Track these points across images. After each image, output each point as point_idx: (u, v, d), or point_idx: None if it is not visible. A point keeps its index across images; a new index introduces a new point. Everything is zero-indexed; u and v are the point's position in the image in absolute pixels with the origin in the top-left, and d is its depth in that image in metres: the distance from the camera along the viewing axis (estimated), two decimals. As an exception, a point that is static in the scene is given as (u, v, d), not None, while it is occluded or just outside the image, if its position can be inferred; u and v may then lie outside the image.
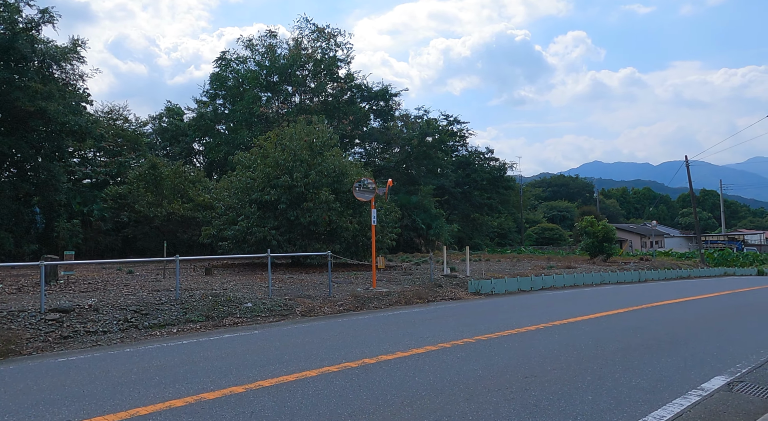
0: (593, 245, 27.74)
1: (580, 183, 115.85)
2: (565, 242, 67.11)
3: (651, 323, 9.85)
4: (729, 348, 7.60)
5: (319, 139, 18.52)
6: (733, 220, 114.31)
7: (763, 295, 16.92)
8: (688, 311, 11.83)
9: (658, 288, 18.72)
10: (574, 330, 8.81)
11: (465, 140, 57.92)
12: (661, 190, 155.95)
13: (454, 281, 15.23)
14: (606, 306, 12.31)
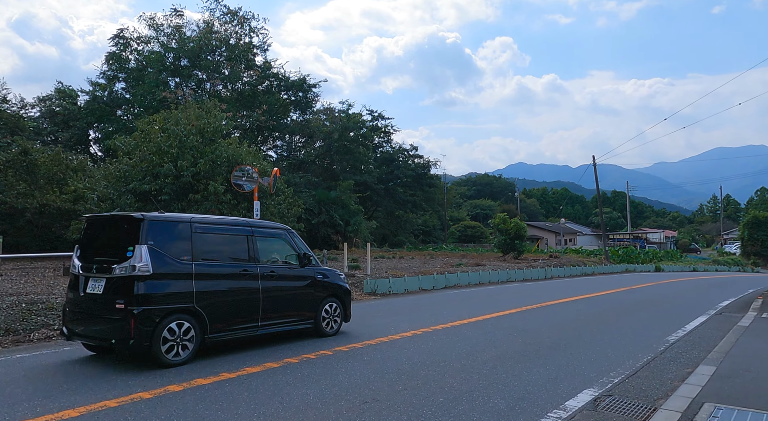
0: (505, 243, 27.90)
1: (504, 183, 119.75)
2: (487, 240, 68.62)
3: (539, 324, 9.28)
4: (609, 352, 7.06)
5: (212, 124, 16.79)
6: (639, 219, 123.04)
7: (656, 291, 17.34)
8: (581, 310, 11.51)
9: (560, 285, 18.76)
10: (453, 335, 8.00)
11: (389, 137, 57.48)
12: (578, 190, 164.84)
13: (351, 281, 14.17)
14: (500, 306, 11.75)
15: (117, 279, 5.90)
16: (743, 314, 11.55)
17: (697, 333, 9.04)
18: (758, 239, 54.08)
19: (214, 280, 6.46)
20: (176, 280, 6.11)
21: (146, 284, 5.84)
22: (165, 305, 5.94)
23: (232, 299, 6.61)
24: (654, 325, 9.71)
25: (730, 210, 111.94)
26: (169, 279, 6.07)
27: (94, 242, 6.57)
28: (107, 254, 6.18)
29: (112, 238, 6.44)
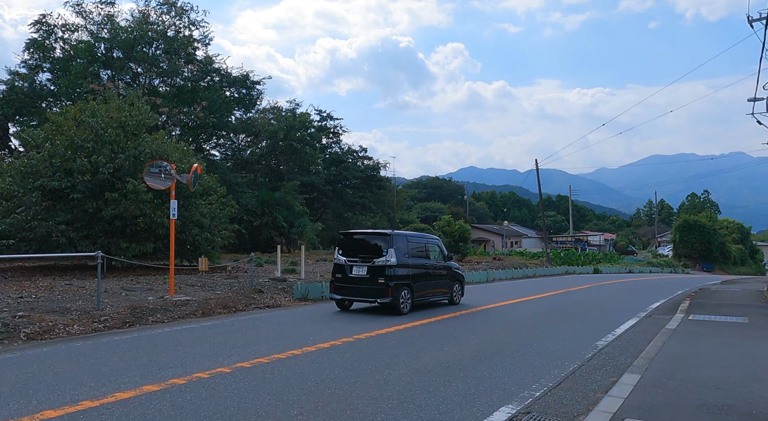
0: (449, 245, 27.78)
1: (454, 186, 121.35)
2: (436, 242, 69.00)
3: (468, 331, 8.88)
4: (536, 361, 6.70)
5: (135, 117, 15.53)
6: (582, 223, 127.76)
7: (592, 293, 17.53)
8: (514, 315, 11.25)
9: (500, 288, 18.67)
10: (376, 344, 7.43)
11: (339, 137, 56.71)
12: (525, 194, 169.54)
13: (281, 286, 13.41)
14: (433, 312, 11.31)
15: (378, 266, 10.46)
16: (671, 316, 11.67)
17: (625, 337, 8.91)
18: (688, 242, 57.07)
19: (416, 269, 11.19)
20: (404, 268, 10.75)
21: (394, 269, 10.47)
22: (400, 281, 10.56)
23: (423, 280, 11.36)
24: (585, 329, 9.55)
25: (664, 214, 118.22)
26: (402, 267, 10.68)
27: (354, 245, 11.08)
28: (367, 253, 10.75)
29: (369, 243, 10.98)
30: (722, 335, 8.81)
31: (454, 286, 12.68)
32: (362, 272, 10.57)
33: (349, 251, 10.94)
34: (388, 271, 10.33)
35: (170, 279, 10.93)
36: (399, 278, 10.47)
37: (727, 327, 9.71)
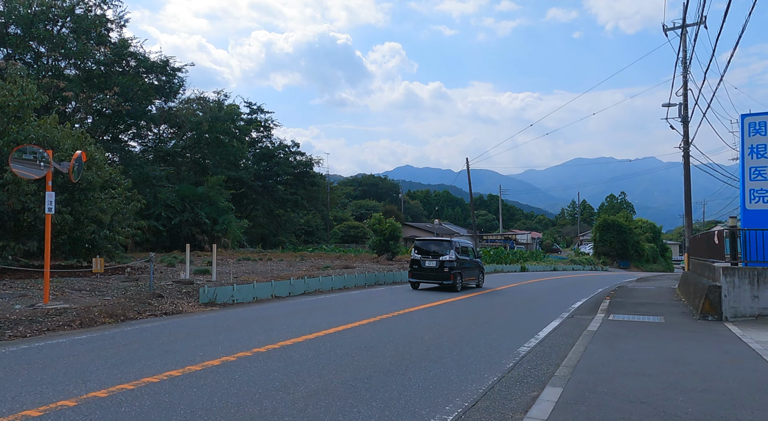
0: (380, 243, 27.22)
1: (389, 184, 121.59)
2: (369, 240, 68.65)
3: (387, 338, 8.14)
4: (453, 375, 6.05)
5: (17, 98, 13.52)
6: (511, 222, 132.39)
7: (517, 292, 17.45)
8: (439, 318, 10.67)
9: (426, 289, 18.21)
10: (277, 360, 6.50)
11: (270, 132, 54.78)
12: (458, 193, 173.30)
13: (187, 289, 12.10)
14: (354, 316, 10.52)
15: (445, 261, 16.07)
16: (593, 316, 11.59)
17: (548, 342, 8.54)
18: (607, 241, 60.22)
19: (462, 263, 16.77)
20: (457, 262, 16.23)
21: (453, 263, 16.10)
22: (457, 271, 16.22)
23: (466, 270, 17.01)
24: (508, 333, 9.12)
25: (586, 214, 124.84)
26: (456, 262, 16.24)
27: (424, 246, 16.90)
28: (436, 252, 16.44)
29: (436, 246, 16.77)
30: (641, 336, 8.65)
31: (480, 275, 18.97)
32: (433, 264, 16.43)
33: (422, 251, 16.93)
34: (449, 264, 16.24)
35: (45, 283, 9.36)
36: (454, 269, 16.31)
37: (646, 328, 9.64)
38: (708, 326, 9.81)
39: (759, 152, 10.85)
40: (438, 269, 16.24)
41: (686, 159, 23.32)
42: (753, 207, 10.93)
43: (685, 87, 23.37)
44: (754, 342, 7.97)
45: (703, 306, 10.71)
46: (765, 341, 8.12)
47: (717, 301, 10.54)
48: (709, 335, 8.73)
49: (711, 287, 10.68)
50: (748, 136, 10.94)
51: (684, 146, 23.60)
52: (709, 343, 8.04)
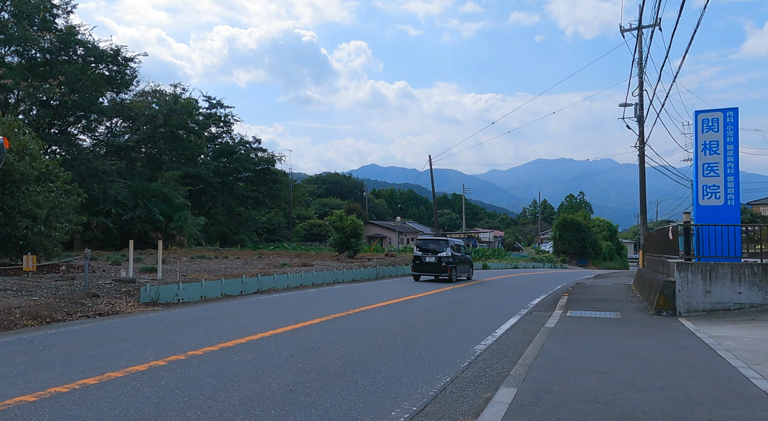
0: (341, 241, 26.71)
1: (354, 182, 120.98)
2: (333, 238, 67.80)
3: (337, 339, 7.69)
4: (404, 377, 5.67)
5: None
6: (474, 220, 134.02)
7: (477, 290, 17.29)
8: (394, 317, 10.30)
9: (388, 286, 17.86)
10: (214, 363, 5.95)
11: (230, 127, 53.30)
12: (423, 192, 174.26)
13: (127, 288, 11.29)
14: (305, 315, 10.03)
15: (442, 257, 19.16)
16: (551, 312, 11.48)
17: (505, 339, 8.29)
18: (566, 239, 61.55)
19: (456, 258, 19.73)
20: (453, 257, 19.37)
21: (449, 259, 19.19)
22: (453, 265, 19.30)
23: (459, 264, 20.09)
24: (465, 331, 8.82)
25: (546, 213, 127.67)
26: (452, 257, 19.35)
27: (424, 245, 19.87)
28: (435, 250, 19.44)
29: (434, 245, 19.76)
30: (598, 332, 8.52)
31: (470, 269, 22.31)
32: (432, 260, 19.35)
33: (422, 249, 19.85)
34: (446, 259, 19.20)
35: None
36: (450, 263, 19.20)
37: (602, 324, 9.55)
38: (663, 321, 9.81)
39: (711, 149, 10.96)
40: (437, 263, 19.41)
41: (642, 158, 23.82)
42: (705, 203, 11.04)
43: (640, 87, 23.87)
44: (708, 337, 7.94)
45: (657, 302, 10.74)
46: (717, 335, 8.10)
47: (671, 296, 10.58)
48: (664, 331, 8.67)
49: (665, 283, 10.72)
50: (701, 133, 11.04)
51: (640, 145, 24.10)
52: (664, 338, 7.96)
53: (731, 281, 10.33)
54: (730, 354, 6.65)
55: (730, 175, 10.82)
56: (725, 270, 10.34)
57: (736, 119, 10.72)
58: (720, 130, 10.81)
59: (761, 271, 10.26)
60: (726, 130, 10.76)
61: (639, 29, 23.75)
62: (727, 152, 10.79)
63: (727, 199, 10.84)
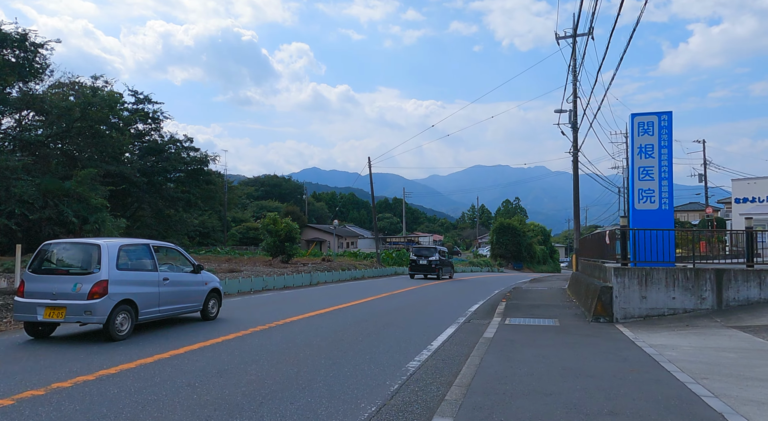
0: (274, 245, 25.35)
1: (293, 185, 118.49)
2: (270, 243, 65.58)
3: (253, 357, 6.66)
4: (321, 407, 4.77)
5: None
6: (415, 225, 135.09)
7: (415, 296, 16.67)
8: (322, 329, 9.36)
9: (321, 293, 16.88)
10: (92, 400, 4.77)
11: (159, 124, 50.06)
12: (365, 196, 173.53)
13: (3, 301, 9.61)
14: (220, 330, 8.87)
15: (432, 260, 26.44)
16: (489, 320, 10.97)
17: (442, 353, 7.58)
18: (503, 243, 62.87)
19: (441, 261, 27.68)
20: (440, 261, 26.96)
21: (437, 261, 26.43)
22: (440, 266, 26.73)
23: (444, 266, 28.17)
24: (399, 344, 8.04)
25: (484, 218, 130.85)
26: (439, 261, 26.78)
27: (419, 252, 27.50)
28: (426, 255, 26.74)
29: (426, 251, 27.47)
30: (538, 343, 8.01)
31: (451, 270, 27.98)
32: (424, 262, 25.74)
33: (417, 254, 26.49)
34: (434, 262, 25.55)
35: None
36: (438, 265, 25.65)
37: (542, 332, 9.09)
38: (601, 328, 9.49)
39: (647, 152, 10.87)
40: (428, 265, 26.45)
41: (575, 163, 24.24)
42: (641, 207, 10.92)
43: (575, 95, 24.31)
44: (648, 347, 7.60)
45: (595, 308, 10.47)
46: (657, 344, 7.80)
47: (609, 302, 10.34)
48: (604, 340, 8.30)
49: (603, 288, 10.47)
50: (637, 136, 10.93)
51: (573, 151, 24.53)
52: (605, 349, 7.54)
53: (666, 287, 10.23)
54: (675, 367, 6.26)
55: (664, 180, 10.77)
56: (660, 275, 10.22)
57: (670, 123, 10.70)
58: (655, 134, 10.74)
59: (694, 276, 10.22)
60: (661, 133, 10.71)
61: (574, 37, 24.21)
62: (662, 156, 10.73)
63: (661, 203, 10.77)
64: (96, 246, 7.82)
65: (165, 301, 8.58)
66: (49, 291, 7.44)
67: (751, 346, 7.41)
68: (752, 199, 45.22)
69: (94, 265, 7.58)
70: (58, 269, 7.88)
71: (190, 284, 9.41)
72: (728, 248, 14.76)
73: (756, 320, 9.14)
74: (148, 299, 8.18)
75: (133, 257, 8.21)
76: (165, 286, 8.59)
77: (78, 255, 8.01)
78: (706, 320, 9.69)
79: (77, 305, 7.31)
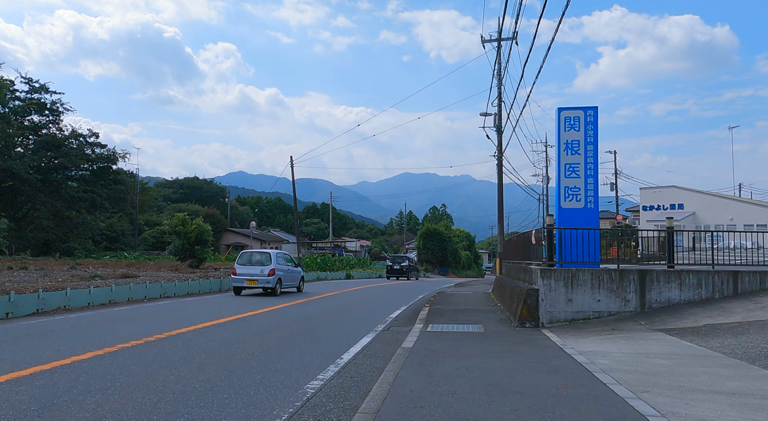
0: (183, 248, 23.11)
1: (216, 187, 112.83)
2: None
3: (124, 381, 5.16)
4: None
5: None
6: (343, 230, 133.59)
7: (333, 302, 15.40)
8: (217, 341, 7.93)
9: (231, 301, 15.19)
10: None
11: (58, 116, 45.31)
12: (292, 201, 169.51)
13: None
14: (87, 345, 7.21)
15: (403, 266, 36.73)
16: (410, 327, 10.02)
17: (352, 368, 6.46)
18: (430, 248, 63.20)
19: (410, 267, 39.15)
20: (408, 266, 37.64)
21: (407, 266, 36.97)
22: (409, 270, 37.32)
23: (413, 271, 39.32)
24: (302, 359, 6.82)
25: (412, 224, 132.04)
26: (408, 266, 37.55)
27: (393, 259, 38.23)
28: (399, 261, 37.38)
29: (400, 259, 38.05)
30: (462, 353, 7.11)
31: (417, 274, 39.34)
32: (398, 267, 35.87)
33: (392, 260, 37.25)
34: (405, 267, 35.89)
35: None
36: (408, 269, 35.84)
37: (466, 340, 8.23)
38: (527, 334, 8.81)
39: (573, 149, 10.45)
40: (400, 269, 35.65)
41: (500, 166, 24.21)
42: (567, 205, 10.47)
43: (499, 98, 24.33)
44: (578, 354, 6.93)
45: (521, 312, 9.82)
46: (587, 351, 7.16)
47: (534, 306, 9.72)
48: (532, 347, 7.56)
49: (529, 291, 9.85)
50: (563, 131, 10.49)
51: (498, 155, 24.51)
52: (533, 358, 6.76)
53: (591, 289, 9.78)
54: (610, 378, 5.54)
55: (590, 177, 10.39)
56: (586, 277, 9.76)
57: (596, 119, 10.35)
58: (581, 129, 10.35)
59: (618, 277, 9.86)
60: (586, 129, 10.33)
61: (499, 41, 24.26)
62: (588, 153, 10.35)
63: (587, 202, 10.38)
64: (268, 253, 16.59)
65: (287, 280, 17.20)
66: (249, 272, 15.75)
67: (682, 351, 6.94)
68: (657, 206, 48.55)
69: (268, 261, 16.10)
70: (252, 262, 16.19)
71: (294, 273, 18.10)
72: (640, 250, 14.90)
73: (679, 323, 8.85)
74: (284, 279, 16.79)
75: (280, 259, 16.80)
76: (287, 273, 17.12)
77: (261, 256, 16.45)
78: (631, 322, 9.30)
79: (262, 279, 15.74)
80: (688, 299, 9.87)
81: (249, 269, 15.84)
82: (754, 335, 7.28)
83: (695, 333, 8.00)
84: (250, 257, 16.38)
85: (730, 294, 9.95)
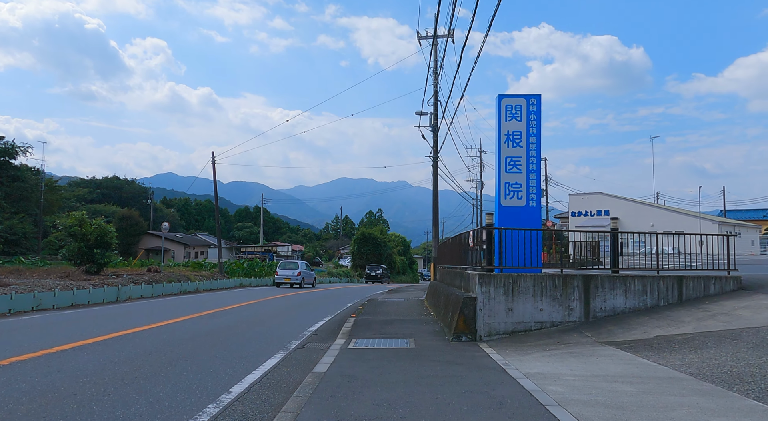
0: (80, 252, 20.23)
1: (137, 188, 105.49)
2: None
3: None
4: None
5: None
6: (277, 235, 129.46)
7: (246, 312, 13.53)
8: (92, 367, 6.02)
9: (122, 311, 12.99)
10: None
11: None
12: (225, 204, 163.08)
13: None
14: None
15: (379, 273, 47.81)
16: (330, 343, 8.52)
17: (238, 408, 4.86)
18: (364, 253, 61.81)
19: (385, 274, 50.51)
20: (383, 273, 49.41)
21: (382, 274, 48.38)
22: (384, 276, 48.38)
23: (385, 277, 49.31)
24: (174, 396, 5.13)
25: (348, 229, 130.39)
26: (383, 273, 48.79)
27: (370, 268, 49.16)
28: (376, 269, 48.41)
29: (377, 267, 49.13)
30: (386, 379, 5.71)
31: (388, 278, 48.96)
32: (374, 274, 47.47)
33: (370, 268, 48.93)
34: (381, 274, 47.44)
35: None
36: (383, 276, 47.42)
37: (393, 360, 6.85)
38: (464, 350, 7.57)
39: (515, 140, 9.41)
40: (376, 275, 46.09)
41: (435, 167, 23.30)
42: (508, 203, 9.41)
43: (435, 97, 23.44)
44: (524, 377, 5.73)
45: (457, 323, 8.58)
46: (534, 373, 5.97)
47: (472, 316, 8.52)
48: (470, 369, 6.29)
49: (466, 300, 8.64)
50: (504, 121, 9.43)
51: (434, 155, 23.59)
52: (472, 385, 5.47)
53: (533, 296, 8.73)
54: (568, 414, 4.32)
55: (532, 172, 9.39)
56: (528, 283, 8.71)
57: (539, 108, 9.39)
58: (523, 119, 9.34)
59: (561, 283, 8.88)
60: (529, 119, 9.33)
61: (434, 38, 23.39)
62: (530, 145, 9.35)
63: (529, 199, 9.37)
64: (297, 262, 29.61)
65: (308, 279, 28.63)
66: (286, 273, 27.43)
67: (643, 372, 5.90)
68: (585, 212, 50.12)
69: (296, 267, 28.25)
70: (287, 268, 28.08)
71: (310, 275, 29.41)
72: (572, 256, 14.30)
73: (628, 334, 7.94)
74: (306, 279, 28.02)
75: (303, 266, 28.70)
76: (307, 274, 28.53)
77: (293, 263, 29.47)
78: (576, 334, 8.32)
79: (294, 277, 27.18)
80: (633, 307, 9.07)
81: (286, 271, 27.38)
82: (714, 350, 6.41)
83: (648, 347, 7.07)
84: (285, 264, 28.86)
85: (675, 301, 9.26)
